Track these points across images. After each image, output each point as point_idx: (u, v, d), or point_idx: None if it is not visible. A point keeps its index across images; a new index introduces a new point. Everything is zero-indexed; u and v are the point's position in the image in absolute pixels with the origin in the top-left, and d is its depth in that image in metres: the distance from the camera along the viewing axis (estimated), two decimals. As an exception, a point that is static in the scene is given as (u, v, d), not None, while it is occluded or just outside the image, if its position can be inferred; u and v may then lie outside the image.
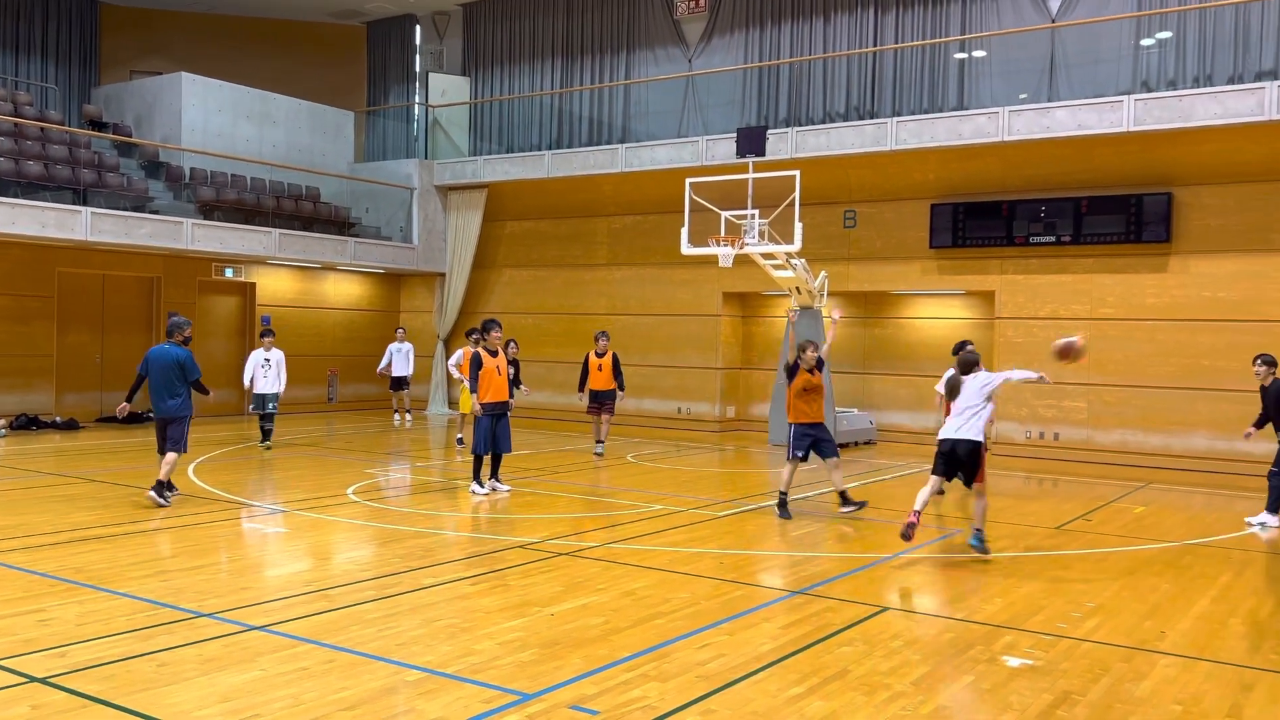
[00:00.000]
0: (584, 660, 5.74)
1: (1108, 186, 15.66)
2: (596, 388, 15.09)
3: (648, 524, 10.07)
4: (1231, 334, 14.70)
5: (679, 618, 6.66)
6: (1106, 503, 12.08)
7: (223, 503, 10.61)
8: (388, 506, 10.76)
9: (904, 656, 5.97)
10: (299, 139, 22.02)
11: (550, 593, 7.23)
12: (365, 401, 22.51)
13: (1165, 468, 14.97)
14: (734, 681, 5.46)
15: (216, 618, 6.41)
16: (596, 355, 15.04)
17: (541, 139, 21.66)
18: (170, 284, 19.38)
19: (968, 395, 8.77)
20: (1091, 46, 16.15)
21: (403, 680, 5.40)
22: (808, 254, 16.24)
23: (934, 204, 17.00)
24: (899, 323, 18.47)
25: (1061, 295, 16.10)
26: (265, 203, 19.79)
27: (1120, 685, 5.56)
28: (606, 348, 15.10)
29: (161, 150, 20.08)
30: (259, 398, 15.14)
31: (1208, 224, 15.03)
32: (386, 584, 7.40)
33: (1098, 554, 9.18)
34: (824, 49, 18.49)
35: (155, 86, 20.83)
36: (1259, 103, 13.83)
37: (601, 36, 21.14)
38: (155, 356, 10.41)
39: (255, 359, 15.26)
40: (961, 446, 8.70)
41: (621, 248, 20.58)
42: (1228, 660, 6.07)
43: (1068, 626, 6.70)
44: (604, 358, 15.02)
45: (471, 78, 22.87)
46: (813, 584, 7.74)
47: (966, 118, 16.02)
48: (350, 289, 22.60)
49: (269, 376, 15.11)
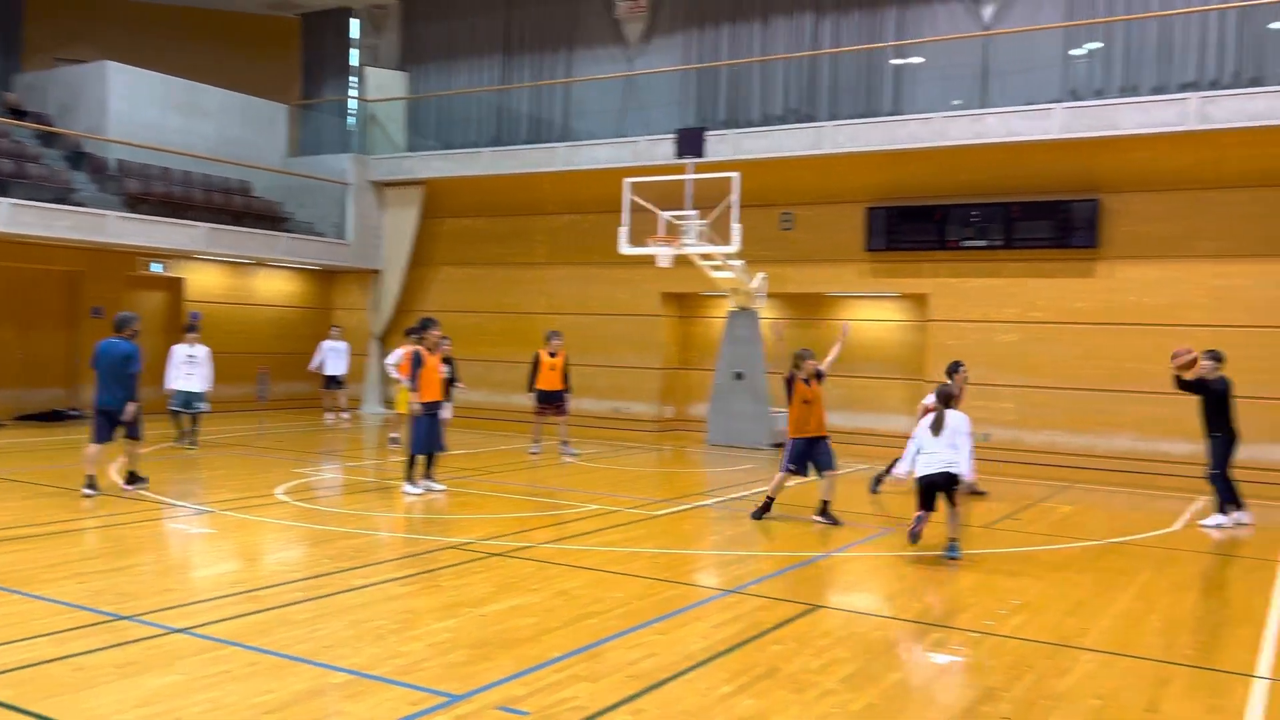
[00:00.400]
0: (514, 661, 5.69)
1: (1038, 192, 15.99)
2: (546, 388, 14.98)
3: (583, 524, 10.03)
4: (1156, 338, 15.08)
5: (611, 618, 6.64)
6: (1034, 502, 12.33)
7: (147, 503, 10.35)
8: (318, 507, 10.58)
9: (834, 654, 6.01)
10: (230, 132, 21.55)
11: (482, 593, 7.16)
12: (296, 400, 22.13)
13: (1091, 468, 15.32)
14: (664, 681, 5.45)
15: (137, 620, 6.24)
16: (549, 355, 14.91)
17: (480, 136, 21.49)
18: (94, 278, 18.85)
19: (951, 434, 8.83)
20: (1023, 55, 16.47)
21: (328, 683, 5.30)
22: (746, 255, 16.35)
23: (869, 207, 17.20)
24: (835, 324, 18.63)
25: (993, 299, 16.40)
26: (194, 196, 19.35)
27: (1043, 681, 5.66)
28: (559, 347, 15.03)
29: (86, 141, 19.52)
30: (182, 395, 14.53)
31: (1134, 230, 15.41)
32: (315, 585, 7.27)
33: (1024, 552, 9.36)
34: (762, 52, 18.61)
35: (80, 75, 20.24)
36: (1181, 113, 14.22)
37: (541, 34, 21.04)
38: (103, 350, 10.58)
39: (178, 355, 14.56)
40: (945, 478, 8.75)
41: (560, 246, 20.50)
42: (1146, 655, 6.22)
43: (994, 624, 6.81)
44: (556, 358, 14.92)
45: (409, 73, 22.61)
46: (746, 583, 7.77)
47: (901, 123, 16.24)
48: (282, 285, 22.20)
49: (194, 374, 14.46)
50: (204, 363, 14.54)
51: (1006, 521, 10.95)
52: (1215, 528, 10.83)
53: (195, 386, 14.50)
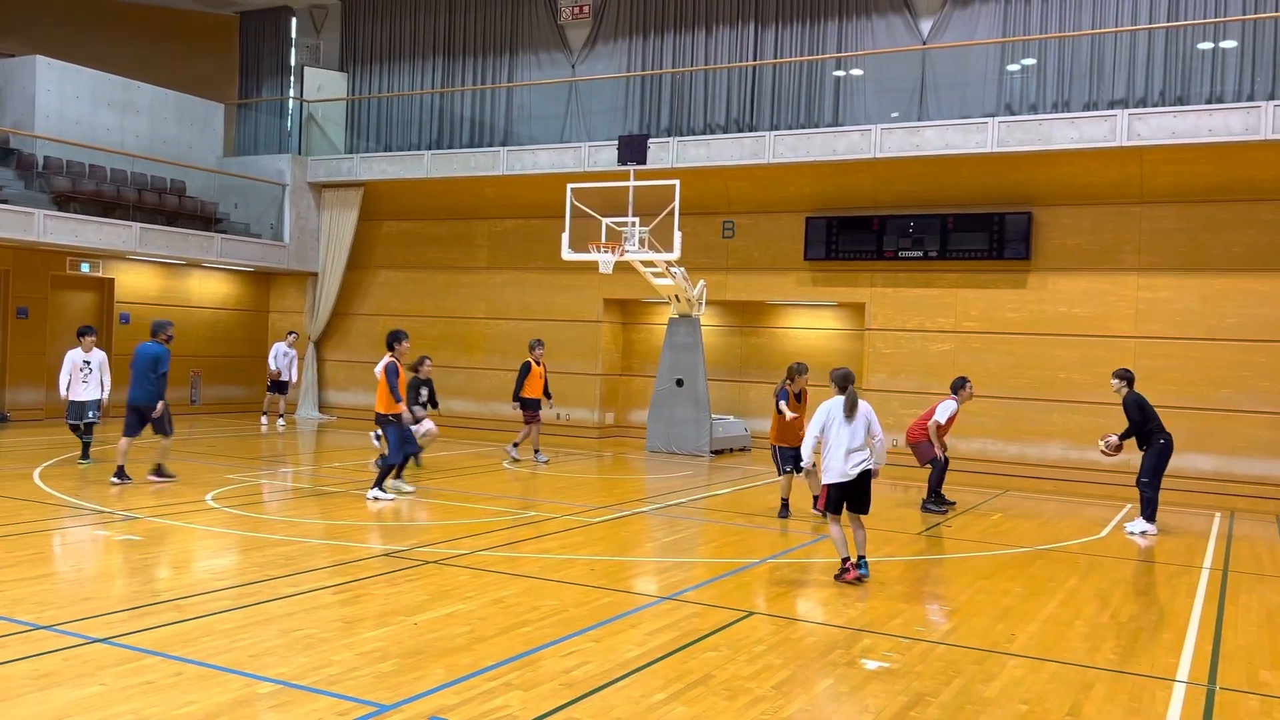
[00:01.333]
0: (446, 670, 5.64)
1: (973, 205, 16.28)
2: (531, 395, 15.17)
3: (520, 531, 9.98)
4: (1085, 348, 15.44)
5: (546, 625, 6.60)
6: (966, 509, 12.52)
7: (70, 509, 10.07)
8: (249, 513, 10.39)
9: (767, 661, 6.05)
10: (164, 130, 21.12)
11: (415, 601, 7.08)
12: (231, 404, 21.72)
13: (1022, 475, 15.62)
14: (598, 689, 5.43)
15: (55, 630, 6.06)
16: (535, 363, 15.16)
17: (421, 138, 21.31)
18: (20, 277, 18.32)
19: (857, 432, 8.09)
20: (960, 69, 16.78)
21: (254, 693, 5.20)
22: (687, 263, 16.42)
23: (809, 217, 17.37)
24: (774, 332, 18.81)
25: (928, 308, 16.65)
26: (126, 195, 18.91)
27: (971, 686, 5.75)
28: (542, 356, 15.32)
29: (12, 136, 18.98)
30: (76, 406, 13.26)
31: (1064, 243, 15.76)
32: (243, 594, 7.13)
33: (956, 559, 9.51)
34: (705, 61, 18.72)
35: (6, 69, 19.67)
36: (1111, 129, 14.58)
37: (484, 37, 20.94)
38: (138, 353, 11.96)
39: (72, 361, 13.31)
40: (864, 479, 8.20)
41: (502, 251, 20.40)
42: (1071, 660, 6.34)
43: (924, 630, 6.90)
44: (540, 366, 15.22)
45: (349, 73, 22.35)
46: (681, 589, 7.78)
47: (841, 134, 16.44)
48: (217, 287, 21.78)
49: (89, 381, 13.26)
50: (101, 369, 13.42)
51: (939, 528, 11.10)
52: (1140, 534, 11.12)
53: (92, 395, 13.31)
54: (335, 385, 22.05)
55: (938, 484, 12.22)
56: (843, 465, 8.07)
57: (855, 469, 8.07)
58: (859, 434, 8.08)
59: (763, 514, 11.56)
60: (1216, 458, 14.55)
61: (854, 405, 8.13)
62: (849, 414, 8.10)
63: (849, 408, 8.12)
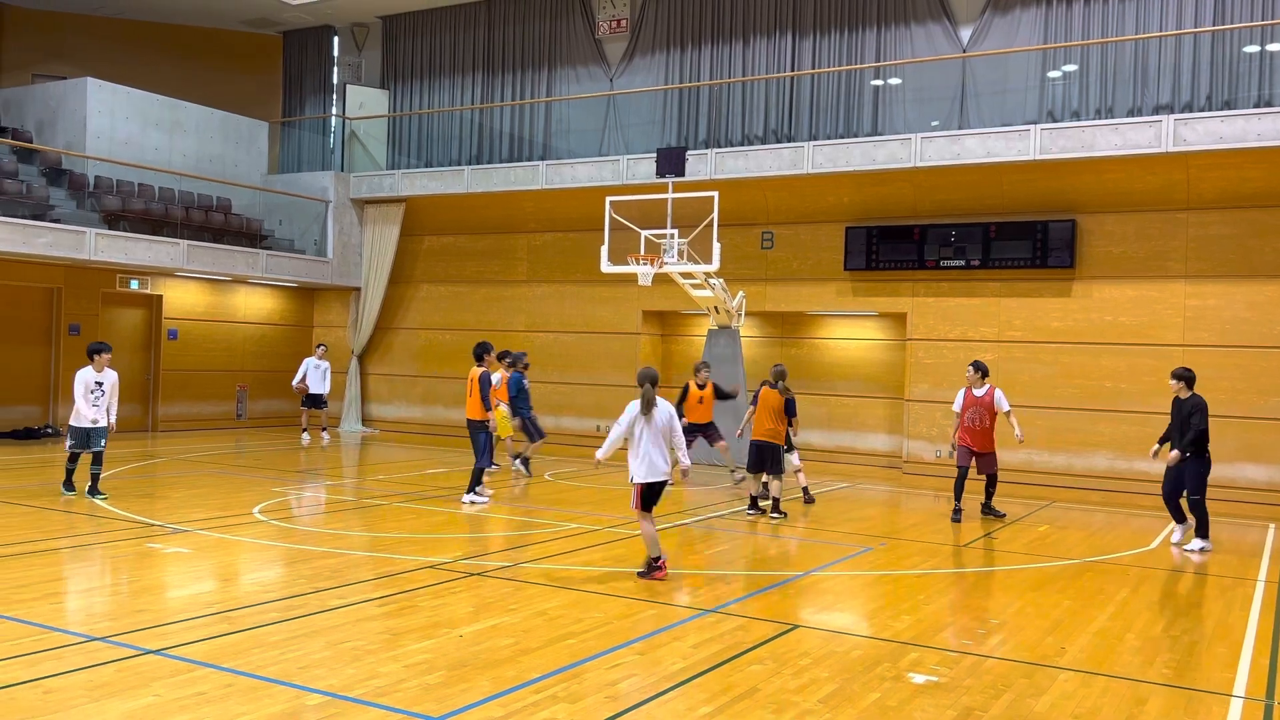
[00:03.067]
0: (492, 682, 5.66)
1: (1015, 213, 16.13)
2: (696, 420, 14.32)
3: (563, 543, 10.00)
4: (1131, 357, 15.22)
5: (590, 638, 6.61)
6: (1011, 521, 12.37)
7: (123, 522, 10.25)
8: (296, 526, 10.51)
9: (812, 674, 6.01)
10: (210, 148, 21.50)
11: (460, 613, 7.12)
12: (276, 418, 22.00)
13: (1068, 486, 15.40)
14: (643, 702, 5.43)
15: (110, 642, 6.17)
16: (698, 387, 14.44)
17: (461, 154, 21.51)
18: (72, 295, 18.72)
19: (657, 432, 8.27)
20: (1001, 77, 16.65)
21: (304, 704, 5.25)
22: (726, 274, 16.40)
23: (849, 227, 17.30)
24: (814, 343, 18.72)
25: (970, 318, 16.51)
26: (174, 213, 19.25)
27: (1021, 701, 5.67)
28: (707, 379, 14.49)
29: (64, 157, 19.42)
30: (80, 432, 11.58)
31: (1109, 251, 15.57)
32: (291, 605, 7.21)
33: (1002, 571, 9.39)
34: (743, 72, 18.74)
35: (59, 91, 20.15)
36: (1156, 135, 14.39)
37: (523, 53, 21.11)
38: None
39: (84, 381, 11.57)
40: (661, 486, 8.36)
41: (541, 264, 20.52)
42: (1124, 675, 6.24)
43: (972, 643, 6.83)
44: (705, 389, 14.40)
45: (390, 90, 22.63)
46: (725, 603, 7.76)
47: (881, 143, 16.37)
48: (262, 303, 22.10)
49: (100, 405, 11.62)
50: (110, 392, 11.76)
51: (984, 540, 10.98)
52: (1198, 551, 10.53)
53: (102, 420, 11.69)
54: (378, 399, 22.26)
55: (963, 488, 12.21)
56: (648, 465, 8.20)
57: (662, 473, 8.24)
58: (659, 434, 8.24)
59: (805, 526, 11.50)
60: (1269, 468, 14.27)
61: (650, 405, 8.24)
62: (646, 413, 8.24)
63: (645, 407, 8.24)
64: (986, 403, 12.05)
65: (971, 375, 12.23)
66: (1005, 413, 12.13)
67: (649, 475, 8.24)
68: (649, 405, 8.23)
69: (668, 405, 8.37)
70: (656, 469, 8.24)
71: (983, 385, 12.17)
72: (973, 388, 12.17)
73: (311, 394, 18.72)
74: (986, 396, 12.09)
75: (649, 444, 8.21)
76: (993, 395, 12.11)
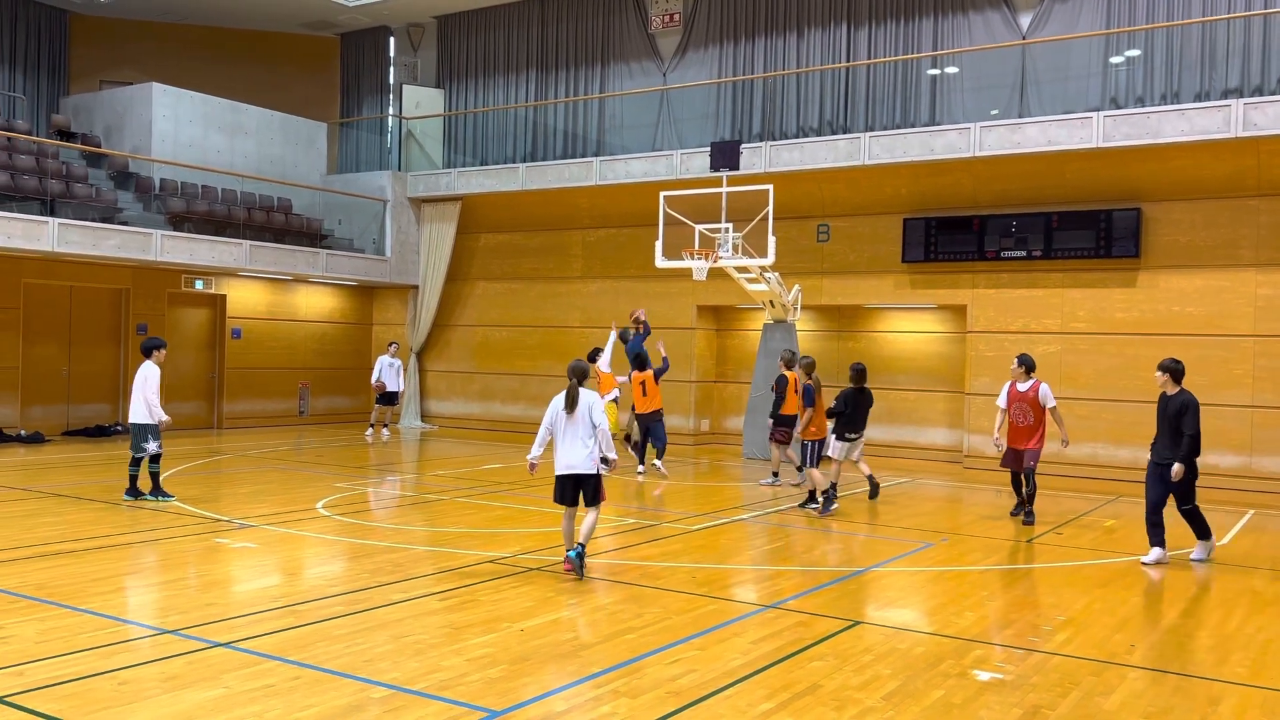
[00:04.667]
0: (553, 676, 5.69)
1: (1078, 202, 15.81)
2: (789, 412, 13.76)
3: (620, 538, 10.02)
4: (1199, 348, 14.84)
5: (650, 633, 6.62)
6: (1077, 516, 12.15)
7: (190, 517, 10.48)
8: (359, 521, 10.66)
9: (875, 671, 5.95)
10: (271, 150, 21.88)
11: (521, 608, 7.17)
12: (338, 415, 22.34)
13: (1135, 480, 15.01)
14: (704, 697, 5.42)
15: (180, 635, 6.31)
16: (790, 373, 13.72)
17: (516, 152, 21.63)
18: (139, 296, 19.17)
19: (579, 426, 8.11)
20: (1062, 63, 16.32)
21: (369, 697, 5.33)
22: (781, 268, 16.30)
23: (906, 218, 17.10)
24: (872, 336, 18.53)
25: (1033, 309, 16.22)
26: (236, 214, 19.63)
27: (1090, 699, 5.56)
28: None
29: (131, 161, 19.90)
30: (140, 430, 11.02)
31: (1176, 239, 15.19)
32: (355, 599, 7.31)
33: (1068, 567, 9.22)
34: (797, 64, 18.59)
35: (125, 96, 20.65)
36: (1225, 120, 14.01)
37: (576, 49, 21.16)
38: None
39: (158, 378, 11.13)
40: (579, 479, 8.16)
41: (596, 260, 20.56)
42: (1196, 674, 6.10)
43: (1038, 640, 6.71)
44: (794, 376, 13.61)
45: (446, 90, 22.82)
46: (785, 598, 7.72)
47: (938, 133, 16.14)
48: (323, 301, 22.45)
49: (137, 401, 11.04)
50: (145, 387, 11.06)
51: (1049, 536, 10.79)
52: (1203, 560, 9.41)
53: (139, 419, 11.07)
54: (436, 395, 22.50)
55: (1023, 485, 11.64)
56: (567, 458, 8.07)
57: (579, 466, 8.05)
58: (585, 426, 8.04)
59: (864, 521, 11.40)
60: (1346, 461, 13.83)
61: (574, 400, 8.06)
62: (569, 410, 8.07)
63: (569, 403, 8.07)
64: (1031, 398, 11.41)
65: (1016, 370, 11.56)
66: (1051, 409, 11.39)
67: (565, 469, 8.11)
68: (572, 401, 8.08)
69: (589, 399, 8.14)
70: (570, 463, 8.08)
71: (1028, 380, 11.48)
72: (1017, 383, 11.51)
73: (387, 391, 18.86)
74: (1031, 391, 11.40)
75: (570, 439, 8.09)
76: (1038, 390, 11.38)
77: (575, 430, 8.07)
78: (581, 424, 8.06)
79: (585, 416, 8.07)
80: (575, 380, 8.18)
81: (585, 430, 8.07)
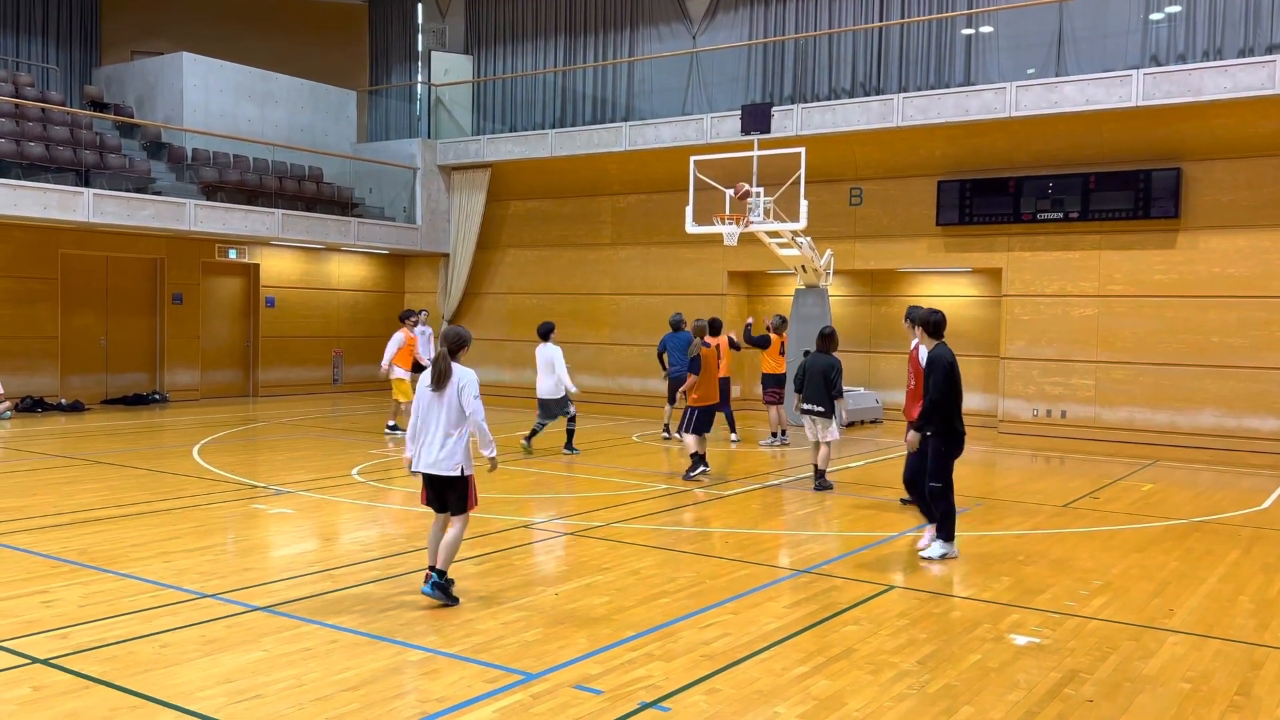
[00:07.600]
0: (588, 640, 5.72)
1: (1116, 162, 15.52)
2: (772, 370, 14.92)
3: (653, 504, 10.04)
4: (1241, 310, 14.59)
5: (683, 597, 6.63)
6: (1114, 480, 12.03)
7: (227, 484, 10.60)
8: (393, 487, 10.74)
9: (910, 635, 5.93)
10: (301, 119, 21.91)
11: (555, 572, 7.20)
12: (371, 383, 22.49)
13: (1173, 445, 14.88)
14: (739, 660, 5.43)
15: (220, 599, 6.39)
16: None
17: (545, 118, 21.52)
18: (173, 265, 19.34)
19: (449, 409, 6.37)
20: (1100, 21, 15.97)
21: (406, 660, 5.38)
22: (813, 232, 16.15)
23: (941, 181, 16.86)
24: (906, 301, 18.33)
25: (1069, 272, 15.99)
26: (268, 183, 19.71)
27: (1128, 663, 5.52)
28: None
29: (163, 131, 20.00)
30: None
31: (1217, 199, 14.89)
32: (391, 564, 7.38)
33: (1105, 532, 9.14)
34: (829, 25, 18.30)
35: (157, 67, 20.72)
36: (1270, 76, 13.66)
37: (604, 14, 20.96)
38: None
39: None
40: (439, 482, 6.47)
41: (626, 227, 20.48)
42: (1237, 638, 6.03)
43: (1075, 605, 6.66)
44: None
45: (474, 56, 22.72)
46: (818, 563, 7.70)
47: (973, 93, 15.87)
48: (354, 270, 22.54)
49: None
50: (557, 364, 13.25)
51: (1085, 500, 10.69)
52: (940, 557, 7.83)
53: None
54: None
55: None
56: (431, 453, 6.36)
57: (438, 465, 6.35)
58: (452, 412, 6.35)
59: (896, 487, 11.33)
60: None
61: (444, 376, 6.38)
62: (437, 385, 6.38)
63: (437, 378, 6.39)
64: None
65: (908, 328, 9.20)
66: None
67: (426, 466, 6.39)
68: (441, 377, 6.37)
69: (463, 377, 6.40)
70: (429, 460, 6.37)
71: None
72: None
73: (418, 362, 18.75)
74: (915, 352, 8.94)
75: (433, 427, 6.36)
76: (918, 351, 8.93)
77: (439, 416, 6.34)
78: (448, 408, 6.34)
79: (453, 399, 6.35)
80: (445, 349, 6.48)
81: (452, 417, 6.36)
